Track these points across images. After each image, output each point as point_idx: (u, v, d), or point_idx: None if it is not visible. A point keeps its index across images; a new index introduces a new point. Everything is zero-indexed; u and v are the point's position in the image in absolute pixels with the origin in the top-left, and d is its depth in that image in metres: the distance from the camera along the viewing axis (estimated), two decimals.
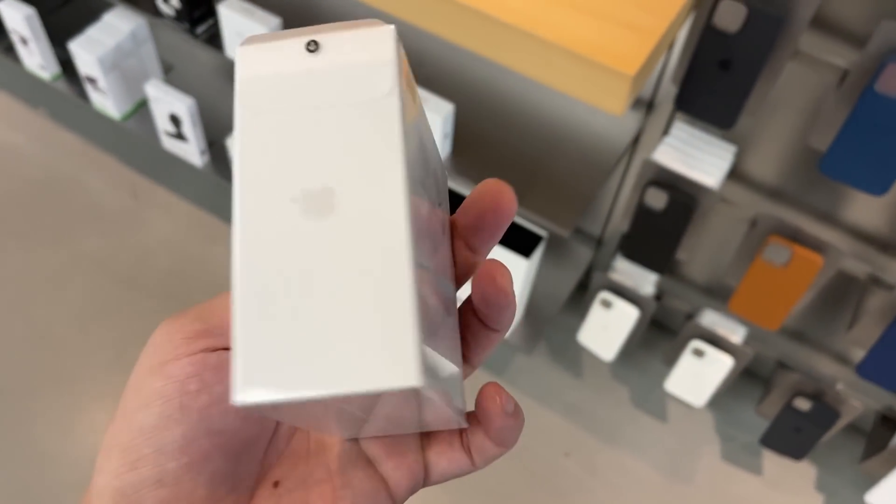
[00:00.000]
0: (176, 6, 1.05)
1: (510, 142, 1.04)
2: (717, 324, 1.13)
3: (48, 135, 1.58)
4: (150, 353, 0.23)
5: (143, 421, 0.22)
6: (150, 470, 0.22)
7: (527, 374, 1.34)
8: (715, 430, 1.29)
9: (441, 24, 0.74)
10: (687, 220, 0.95)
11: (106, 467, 0.22)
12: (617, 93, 0.69)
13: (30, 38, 1.35)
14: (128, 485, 0.22)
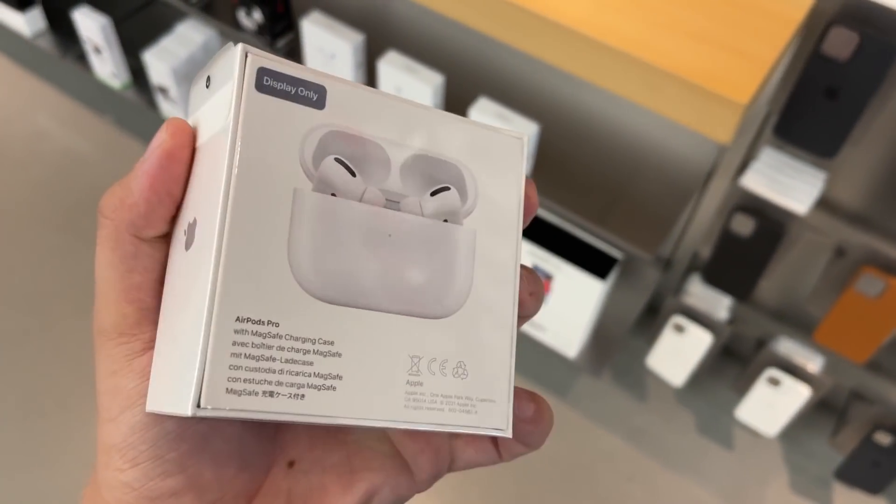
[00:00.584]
0: (258, 20, 1.05)
1: (590, 163, 1.02)
2: (793, 352, 1.11)
3: (115, 142, 1.60)
4: (107, 357, 0.23)
5: (132, 420, 0.22)
6: (151, 464, 0.22)
7: (590, 396, 1.32)
8: (784, 460, 1.26)
9: (546, 49, 0.73)
10: (774, 248, 0.93)
11: (109, 464, 0.23)
12: (726, 121, 0.67)
13: (103, 46, 1.37)
14: (133, 479, 0.22)
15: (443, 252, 0.23)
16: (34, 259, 1.42)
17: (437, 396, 0.22)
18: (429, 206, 0.23)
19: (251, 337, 0.20)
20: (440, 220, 0.23)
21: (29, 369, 1.29)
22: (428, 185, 0.23)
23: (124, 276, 0.23)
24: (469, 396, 0.23)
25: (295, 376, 0.20)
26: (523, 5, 0.71)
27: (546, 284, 1.11)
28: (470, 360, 0.23)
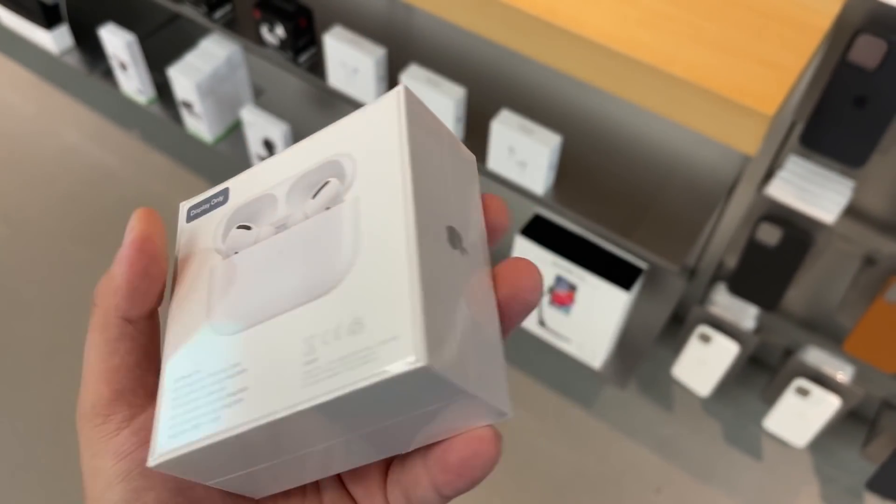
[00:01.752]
0: (281, 36, 1.06)
1: (614, 173, 1.02)
2: (822, 362, 1.09)
3: (140, 156, 1.62)
4: (85, 440, 0.24)
5: (113, 498, 0.23)
6: None
7: (616, 407, 1.31)
8: (814, 470, 1.24)
9: (571, 62, 0.73)
10: (802, 257, 0.91)
11: None
12: (753, 132, 0.67)
13: (129, 63, 1.39)
14: None
15: (324, 236, 0.24)
16: (62, 272, 1.44)
17: (334, 362, 0.21)
18: (312, 207, 0.24)
19: (185, 390, 0.23)
20: (322, 211, 0.24)
21: (58, 382, 1.31)
22: (311, 194, 0.25)
23: (105, 359, 0.24)
24: (367, 346, 0.21)
25: (213, 404, 0.23)
26: (548, 19, 0.71)
27: (570, 296, 1.11)
28: (367, 312, 0.21)
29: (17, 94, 1.72)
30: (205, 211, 0.27)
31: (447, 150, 0.26)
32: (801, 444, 1.16)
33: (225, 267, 0.25)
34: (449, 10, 0.78)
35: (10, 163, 1.60)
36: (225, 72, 1.34)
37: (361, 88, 1.05)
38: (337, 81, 1.07)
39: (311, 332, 0.22)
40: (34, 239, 1.49)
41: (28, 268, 1.45)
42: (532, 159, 0.94)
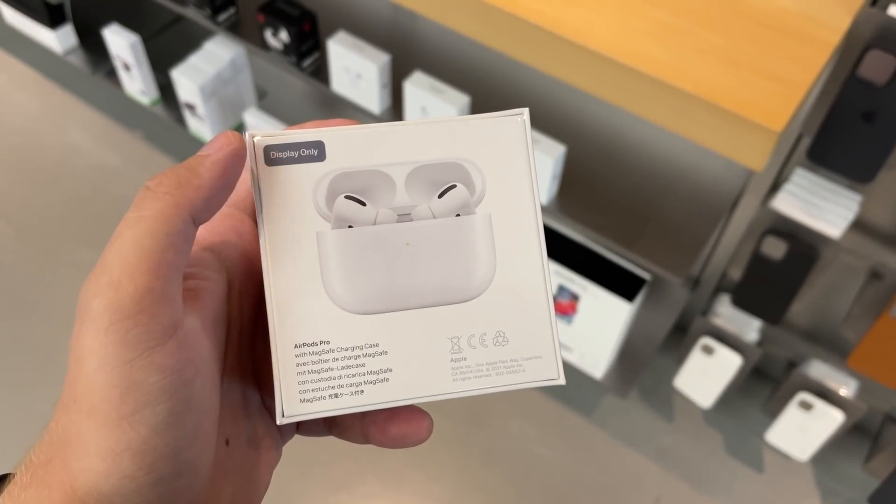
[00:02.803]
0: (285, 40, 1.06)
1: (618, 184, 1.01)
2: (826, 376, 1.08)
3: (143, 156, 1.61)
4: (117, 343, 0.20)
5: (153, 421, 0.21)
6: (169, 467, 0.21)
7: (617, 415, 1.30)
8: (816, 484, 1.24)
9: (577, 74, 0.72)
10: (807, 271, 0.91)
11: (111, 471, 0.21)
12: (760, 148, 0.66)
13: (133, 64, 1.38)
14: (145, 485, 0.21)
15: (460, 243, 0.26)
16: (64, 272, 1.44)
17: (483, 365, 0.26)
18: (439, 207, 0.26)
19: (312, 358, 0.25)
20: (452, 216, 0.26)
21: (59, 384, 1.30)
22: (435, 190, 0.26)
23: (164, 250, 0.21)
24: (514, 359, 0.26)
25: (352, 378, 0.25)
26: (555, 31, 0.70)
27: (572, 305, 1.10)
28: (508, 329, 0.26)
29: (21, 93, 1.72)
30: (292, 160, 0.26)
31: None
32: (803, 458, 1.15)
33: (338, 239, 0.26)
34: (456, 20, 0.77)
35: (13, 161, 1.60)
36: (228, 74, 1.34)
37: (364, 94, 1.04)
38: (340, 86, 1.06)
39: (456, 334, 0.26)
40: (36, 238, 1.48)
41: (30, 267, 1.45)
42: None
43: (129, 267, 0.21)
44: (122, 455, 0.21)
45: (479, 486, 1.23)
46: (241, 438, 0.26)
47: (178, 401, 0.21)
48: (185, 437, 0.21)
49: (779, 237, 0.90)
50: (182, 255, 0.22)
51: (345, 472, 1.24)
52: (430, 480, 1.23)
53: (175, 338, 0.21)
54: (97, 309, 0.21)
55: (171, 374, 0.21)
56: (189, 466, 0.22)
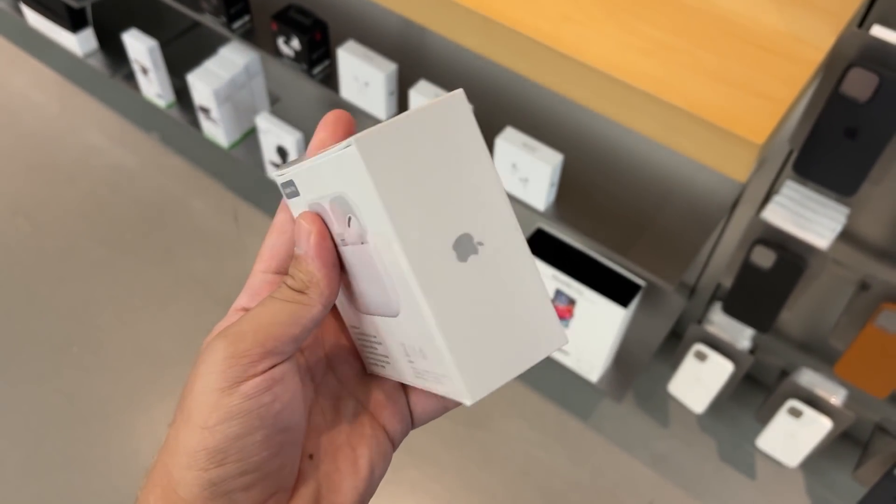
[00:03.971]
0: (296, 48, 1.10)
1: (614, 192, 1.04)
2: (815, 384, 1.11)
3: (158, 158, 1.66)
4: (218, 374, 0.27)
5: (228, 431, 0.27)
6: (235, 465, 0.27)
7: (612, 420, 1.33)
8: (806, 491, 1.26)
9: (571, 86, 0.76)
10: (795, 281, 0.93)
11: (193, 465, 0.27)
12: (743, 160, 0.69)
13: (150, 68, 1.43)
14: (216, 476, 0.27)
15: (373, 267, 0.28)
16: (80, 269, 1.48)
17: (424, 371, 0.29)
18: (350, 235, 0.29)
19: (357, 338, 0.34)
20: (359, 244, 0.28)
21: (73, 378, 1.35)
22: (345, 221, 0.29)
23: (292, 325, 0.28)
24: (436, 372, 0.28)
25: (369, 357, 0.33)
26: (553, 46, 0.74)
27: (569, 309, 1.13)
28: (423, 346, 0.28)
29: (42, 94, 1.77)
30: (291, 195, 0.32)
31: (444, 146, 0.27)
32: (792, 465, 1.18)
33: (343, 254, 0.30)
34: (461, 35, 0.81)
35: (33, 160, 1.65)
36: (242, 79, 1.38)
37: (372, 102, 1.08)
38: (349, 94, 1.10)
39: (402, 341, 0.29)
40: (53, 236, 1.53)
41: (47, 263, 1.49)
42: (534, 176, 0.97)
43: (256, 328, 0.28)
44: (200, 453, 0.27)
45: (476, 486, 1.26)
46: (328, 452, 0.31)
47: (252, 419, 0.27)
48: (252, 445, 0.27)
49: (768, 247, 0.93)
50: (306, 334, 0.29)
51: None
52: (429, 479, 1.26)
53: (263, 376, 0.28)
54: (218, 346, 0.28)
55: (249, 400, 0.27)
56: (256, 467, 0.28)
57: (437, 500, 1.25)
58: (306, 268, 0.29)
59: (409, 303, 0.27)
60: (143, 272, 1.49)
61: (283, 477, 0.29)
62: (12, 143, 1.68)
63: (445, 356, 0.27)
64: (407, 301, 0.27)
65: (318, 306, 0.29)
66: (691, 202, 1.04)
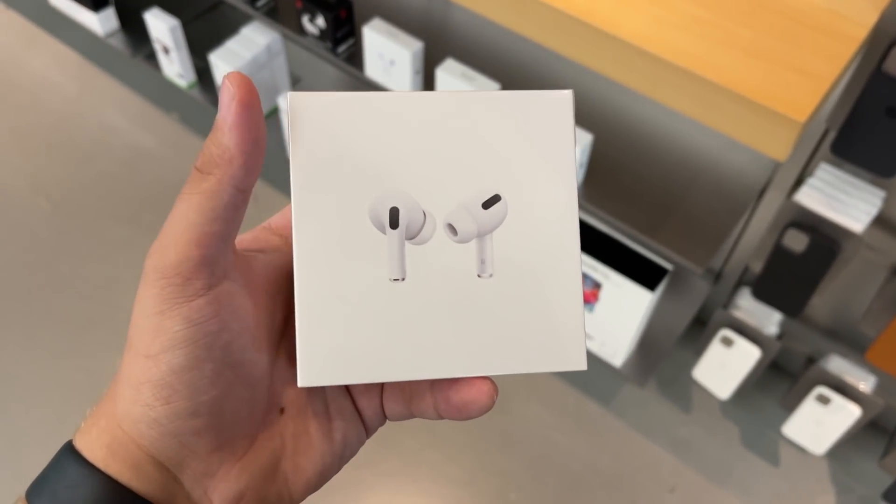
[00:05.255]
0: (321, 26, 1.08)
1: (644, 173, 1.03)
2: (844, 370, 1.09)
3: (179, 138, 1.66)
4: (153, 297, 0.24)
5: (173, 362, 0.24)
6: (184, 403, 0.24)
7: (633, 405, 1.32)
8: (830, 479, 1.25)
9: (606, 62, 0.74)
10: (828, 265, 0.92)
11: (138, 399, 0.24)
12: (783, 138, 0.68)
13: (172, 48, 1.42)
14: (163, 416, 0.24)
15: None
16: (99, 249, 1.49)
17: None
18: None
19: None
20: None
21: (93, 356, 1.35)
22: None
23: (207, 222, 0.24)
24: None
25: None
26: (586, 20, 0.72)
27: (594, 293, 1.12)
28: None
29: (62, 74, 1.77)
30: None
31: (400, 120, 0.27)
32: (819, 452, 1.17)
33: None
34: (490, 9, 0.80)
35: (52, 139, 1.65)
36: (264, 59, 1.37)
37: (397, 80, 1.07)
38: (374, 73, 1.09)
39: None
40: (73, 215, 1.53)
41: (67, 243, 1.49)
42: None
43: (175, 237, 0.24)
44: (144, 386, 0.24)
45: (495, 468, 1.26)
46: (302, 411, 0.28)
47: (197, 347, 0.24)
48: (201, 380, 0.24)
49: (801, 230, 0.92)
50: (230, 224, 0.25)
51: (366, 450, 1.27)
52: (448, 461, 1.26)
53: (206, 297, 0.24)
54: (148, 268, 0.25)
55: (194, 326, 0.24)
56: (207, 408, 0.25)
57: (455, 483, 1.24)
58: (220, 139, 0.24)
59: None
60: None
61: (240, 423, 0.26)
62: (32, 123, 1.68)
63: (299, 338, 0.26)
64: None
65: (227, 189, 0.24)
66: (721, 184, 1.02)
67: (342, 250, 0.26)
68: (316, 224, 0.26)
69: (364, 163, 0.26)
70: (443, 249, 0.26)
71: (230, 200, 0.25)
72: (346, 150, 0.26)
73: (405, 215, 0.26)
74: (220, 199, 0.24)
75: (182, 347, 0.24)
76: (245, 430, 0.26)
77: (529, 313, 0.26)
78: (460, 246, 0.26)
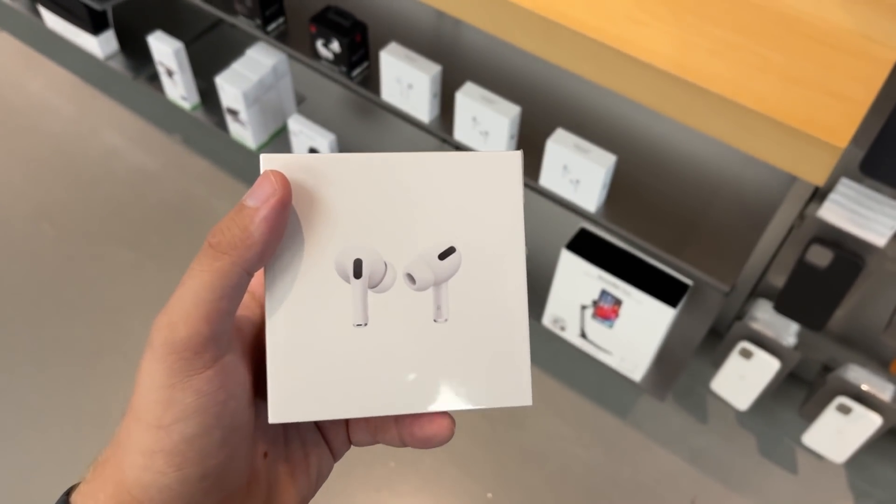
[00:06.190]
0: (336, 50, 1.08)
1: (665, 191, 1.03)
2: (863, 380, 1.11)
3: (182, 160, 1.64)
4: (166, 370, 0.26)
5: (185, 432, 0.26)
6: (194, 469, 0.26)
7: (652, 417, 1.33)
8: (849, 485, 1.26)
9: (635, 87, 0.75)
10: (853, 280, 0.93)
11: (150, 467, 0.26)
12: (822, 163, 0.68)
13: (176, 70, 1.41)
14: (175, 481, 0.26)
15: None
16: (105, 274, 1.47)
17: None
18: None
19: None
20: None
21: (102, 383, 1.33)
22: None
23: (217, 300, 0.26)
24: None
25: None
26: (621, 49, 0.73)
27: (614, 310, 1.13)
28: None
29: (59, 97, 1.74)
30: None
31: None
32: (839, 461, 1.18)
33: None
34: (520, 38, 0.80)
35: (54, 164, 1.63)
36: (270, 80, 1.36)
37: (415, 104, 1.06)
38: (390, 96, 1.08)
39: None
40: (77, 240, 1.51)
41: (72, 268, 1.47)
42: (586, 178, 0.96)
43: (185, 313, 0.26)
44: (157, 455, 0.26)
45: (515, 484, 1.26)
46: (282, 452, 0.30)
47: (208, 417, 0.26)
48: (210, 446, 0.26)
49: (824, 245, 0.93)
50: (235, 301, 0.27)
51: (386, 471, 1.27)
52: (468, 477, 1.26)
53: (213, 368, 0.26)
54: (157, 342, 0.26)
55: (204, 397, 0.26)
56: (215, 470, 0.27)
57: (476, 499, 1.24)
58: (246, 224, 0.26)
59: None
60: (171, 275, 1.47)
61: (239, 476, 0.28)
62: (32, 147, 1.66)
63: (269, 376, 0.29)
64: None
65: (238, 271, 0.26)
66: (741, 199, 1.03)
67: (310, 297, 0.28)
68: (286, 273, 0.28)
69: (330, 218, 0.28)
70: (402, 297, 0.28)
71: (239, 281, 0.26)
72: (315, 206, 0.28)
73: (368, 266, 0.28)
74: (229, 279, 0.26)
75: (194, 418, 0.25)
76: (242, 482, 0.29)
77: (481, 355, 0.29)
78: (418, 293, 0.28)
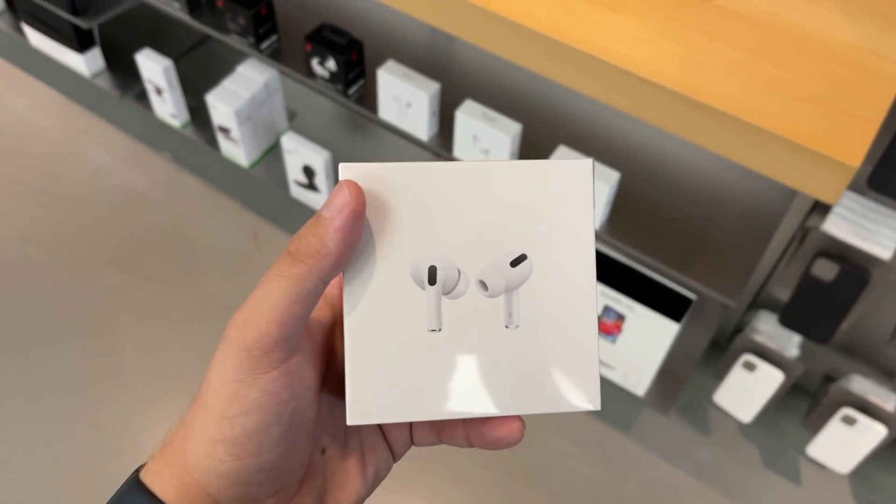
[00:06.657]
0: (331, 69, 1.07)
1: (668, 206, 1.03)
2: (867, 391, 1.10)
3: (171, 178, 1.62)
4: (236, 366, 0.27)
5: (247, 425, 0.27)
6: (252, 461, 0.27)
7: (653, 431, 1.32)
8: (853, 495, 1.26)
9: (644, 107, 0.74)
10: (859, 293, 0.93)
11: (211, 454, 0.27)
12: (835, 183, 0.68)
13: (165, 88, 1.38)
14: (232, 470, 0.27)
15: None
16: (96, 298, 1.44)
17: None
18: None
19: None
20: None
21: (98, 408, 1.30)
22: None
23: (290, 304, 0.27)
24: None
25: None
26: (629, 69, 0.72)
27: (617, 325, 1.12)
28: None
29: (46, 116, 1.71)
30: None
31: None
32: (844, 472, 1.18)
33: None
34: (526, 58, 0.79)
35: (40, 186, 1.60)
36: (262, 97, 1.34)
37: (413, 122, 1.05)
38: (388, 114, 1.07)
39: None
40: (66, 264, 1.48)
41: (62, 293, 1.44)
42: None
43: (258, 314, 0.27)
44: (218, 444, 0.27)
45: (522, 503, 1.24)
46: (341, 449, 0.32)
47: (269, 414, 0.27)
48: (269, 441, 0.27)
49: (830, 259, 0.92)
50: (309, 307, 0.28)
51: (386, 492, 1.25)
52: (474, 499, 1.24)
53: (280, 369, 0.27)
54: (230, 337, 0.27)
55: (268, 395, 0.27)
56: (271, 464, 0.28)
57: None
58: (321, 234, 0.27)
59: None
60: (164, 297, 1.44)
61: (295, 470, 0.29)
62: (18, 168, 1.62)
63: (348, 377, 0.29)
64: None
65: (314, 278, 0.27)
66: (743, 213, 1.03)
67: (386, 303, 0.29)
68: (363, 279, 0.29)
69: (405, 225, 0.29)
70: (475, 303, 0.29)
71: (313, 288, 0.27)
72: (390, 214, 0.29)
73: (442, 273, 0.29)
74: (305, 285, 0.27)
75: (256, 413, 0.27)
76: (298, 475, 0.30)
77: (551, 360, 0.29)
78: (490, 300, 0.29)
